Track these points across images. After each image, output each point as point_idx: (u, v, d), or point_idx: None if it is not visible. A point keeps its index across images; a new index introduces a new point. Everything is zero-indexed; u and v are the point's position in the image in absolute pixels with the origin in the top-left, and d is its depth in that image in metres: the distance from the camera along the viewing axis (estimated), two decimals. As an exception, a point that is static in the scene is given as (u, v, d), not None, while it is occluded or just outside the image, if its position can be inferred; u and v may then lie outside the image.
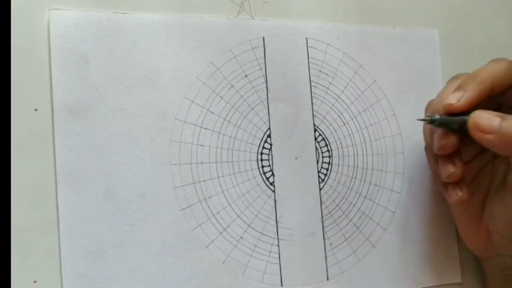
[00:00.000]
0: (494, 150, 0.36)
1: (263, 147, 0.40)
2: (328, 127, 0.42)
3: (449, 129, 0.37)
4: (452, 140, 0.36)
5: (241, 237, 0.39)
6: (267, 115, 0.40)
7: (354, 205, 0.42)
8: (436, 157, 0.38)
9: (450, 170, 0.37)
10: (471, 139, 0.36)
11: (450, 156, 0.37)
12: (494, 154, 0.41)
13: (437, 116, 0.37)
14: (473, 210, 0.41)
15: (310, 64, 0.42)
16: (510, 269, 0.42)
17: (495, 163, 0.42)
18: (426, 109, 0.41)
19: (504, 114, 0.35)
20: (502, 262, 0.42)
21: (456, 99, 0.36)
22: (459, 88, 0.37)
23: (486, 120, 0.35)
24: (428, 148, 0.40)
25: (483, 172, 0.42)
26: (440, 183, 0.39)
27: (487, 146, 0.35)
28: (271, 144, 0.40)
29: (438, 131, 0.37)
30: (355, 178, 0.42)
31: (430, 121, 0.37)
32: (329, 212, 0.41)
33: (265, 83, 0.40)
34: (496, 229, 0.40)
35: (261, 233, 0.39)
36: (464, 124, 0.36)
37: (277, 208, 0.40)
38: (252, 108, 0.40)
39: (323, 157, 0.42)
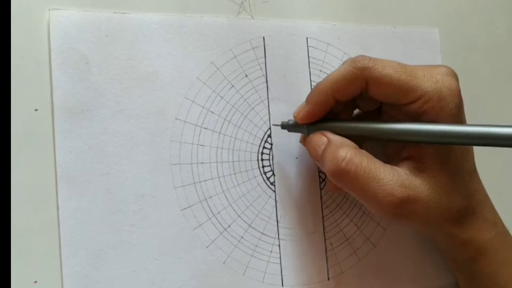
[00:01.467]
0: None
1: (264, 147, 0.40)
2: (328, 126, 0.42)
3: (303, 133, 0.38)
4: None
5: (242, 237, 0.39)
6: (268, 114, 0.40)
7: (355, 205, 0.42)
8: None
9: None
10: None
11: None
12: None
13: (290, 122, 0.38)
14: None
15: (311, 64, 0.42)
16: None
17: None
18: None
19: (332, 138, 0.36)
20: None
21: (297, 112, 0.37)
22: (306, 99, 0.37)
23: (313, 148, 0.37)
24: None
25: None
26: None
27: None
28: (271, 144, 0.40)
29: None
30: (356, 177, 0.42)
31: (282, 127, 0.39)
32: (330, 212, 0.41)
33: (265, 83, 0.40)
34: None
35: (262, 233, 0.39)
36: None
37: (277, 208, 0.40)
38: (253, 108, 0.40)
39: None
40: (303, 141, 0.39)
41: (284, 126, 0.39)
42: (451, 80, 0.35)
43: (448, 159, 0.36)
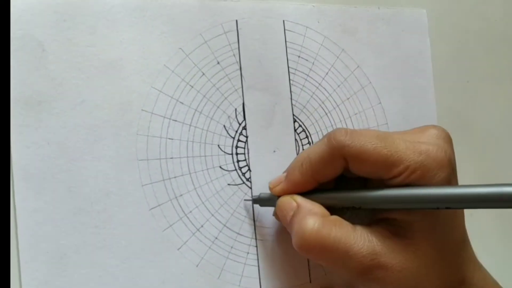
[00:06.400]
0: None
1: (239, 140, 0.40)
2: (308, 117, 0.43)
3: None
4: None
5: (216, 238, 0.39)
6: (242, 105, 0.40)
7: (337, 201, 0.42)
8: None
9: None
10: None
11: None
12: None
13: (262, 196, 0.39)
14: None
15: (288, 49, 0.42)
16: None
17: None
18: None
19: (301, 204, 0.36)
20: None
21: (274, 183, 0.38)
22: (286, 172, 0.38)
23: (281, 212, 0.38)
24: None
25: None
26: None
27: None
28: (246, 137, 0.40)
29: None
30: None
31: (254, 201, 0.40)
32: (311, 209, 0.41)
33: (239, 70, 0.40)
34: None
35: (238, 233, 0.39)
36: None
37: (254, 206, 0.40)
38: (226, 98, 0.40)
39: (303, 149, 0.42)
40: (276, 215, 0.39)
41: (256, 200, 0.39)
42: (438, 149, 0.35)
43: (433, 228, 0.35)
